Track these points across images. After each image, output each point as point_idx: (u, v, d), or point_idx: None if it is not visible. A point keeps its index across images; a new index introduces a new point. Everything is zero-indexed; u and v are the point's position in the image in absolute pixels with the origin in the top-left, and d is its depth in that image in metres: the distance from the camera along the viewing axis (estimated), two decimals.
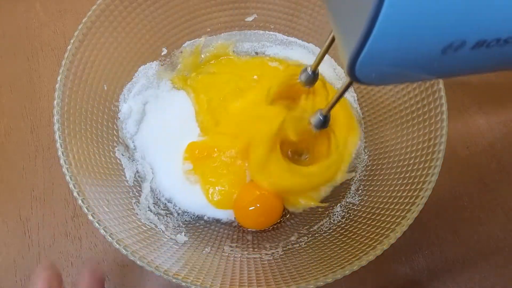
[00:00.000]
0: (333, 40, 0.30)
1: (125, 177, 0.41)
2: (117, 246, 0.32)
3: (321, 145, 0.43)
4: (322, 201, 0.42)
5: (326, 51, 0.32)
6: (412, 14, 0.15)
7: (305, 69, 0.37)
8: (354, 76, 0.19)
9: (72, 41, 0.38)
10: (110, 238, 0.32)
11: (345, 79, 0.30)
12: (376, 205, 0.37)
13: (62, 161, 0.34)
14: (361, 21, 0.16)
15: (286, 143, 0.41)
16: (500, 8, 0.16)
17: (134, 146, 0.44)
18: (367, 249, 0.32)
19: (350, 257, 0.33)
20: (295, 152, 0.43)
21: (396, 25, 0.16)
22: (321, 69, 0.47)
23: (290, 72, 0.43)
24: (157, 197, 0.42)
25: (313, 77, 0.37)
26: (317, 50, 0.48)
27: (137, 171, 0.42)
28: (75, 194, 0.33)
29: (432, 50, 0.17)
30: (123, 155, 0.42)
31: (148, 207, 0.40)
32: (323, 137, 0.42)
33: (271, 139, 0.40)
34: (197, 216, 0.42)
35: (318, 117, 0.34)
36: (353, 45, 0.17)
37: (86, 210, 0.33)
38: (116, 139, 0.42)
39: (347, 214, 0.40)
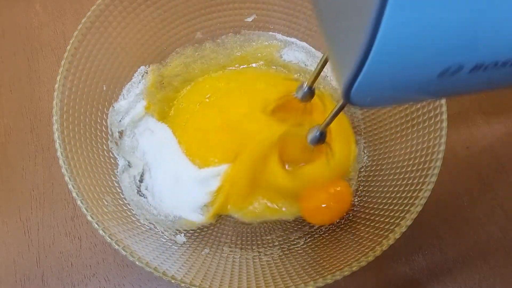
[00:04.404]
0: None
1: None
2: (117, 247, 0.32)
3: (316, 159, 0.42)
4: None
5: (322, 68, 0.32)
6: (409, 40, 0.15)
7: (301, 85, 0.35)
8: (349, 100, 0.19)
9: (71, 41, 0.38)
10: (109, 239, 0.32)
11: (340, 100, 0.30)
12: (375, 206, 0.37)
13: (61, 161, 0.34)
14: (357, 47, 0.15)
15: (281, 157, 0.41)
16: (498, 32, 0.15)
17: (118, 135, 0.43)
18: (366, 250, 0.32)
19: (349, 258, 0.33)
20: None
21: (393, 52, 0.15)
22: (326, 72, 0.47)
23: (287, 88, 0.41)
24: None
25: (309, 93, 0.36)
26: (317, 52, 0.48)
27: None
28: (74, 194, 0.33)
29: (429, 74, 0.17)
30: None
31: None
32: (319, 151, 0.41)
33: (267, 150, 0.40)
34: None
35: (315, 133, 0.34)
36: (349, 71, 0.16)
37: (85, 210, 0.33)
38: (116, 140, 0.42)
39: (347, 215, 0.40)
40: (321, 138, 0.34)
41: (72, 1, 0.56)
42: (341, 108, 0.28)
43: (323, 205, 0.40)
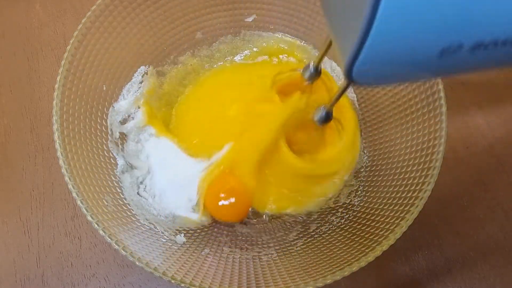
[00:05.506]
0: None
1: None
2: (117, 247, 0.32)
3: (324, 139, 0.42)
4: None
5: (327, 49, 0.32)
6: (408, 19, 0.15)
7: (308, 66, 0.36)
8: (351, 78, 0.19)
9: (71, 41, 0.38)
10: (109, 239, 0.32)
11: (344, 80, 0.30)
12: (375, 206, 0.37)
13: (61, 162, 0.34)
14: (357, 27, 0.16)
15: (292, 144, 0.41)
16: (495, 10, 0.16)
17: (119, 135, 0.43)
18: (367, 250, 0.32)
19: (349, 258, 0.33)
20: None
21: (392, 30, 0.16)
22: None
23: (292, 66, 0.42)
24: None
25: (315, 73, 0.36)
26: (317, 52, 0.48)
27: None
28: (74, 194, 0.33)
29: (429, 53, 0.17)
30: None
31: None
32: (325, 132, 0.42)
33: (275, 135, 0.39)
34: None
35: (321, 113, 0.35)
36: (350, 50, 0.17)
37: (85, 210, 0.33)
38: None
39: (346, 215, 0.40)
40: (328, 117, 0.35)
41: (72, 1, 0.56)
42: (346, 87, 0.29)
43: (222, 198, 0.40)
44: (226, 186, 0.41)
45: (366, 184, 0.41)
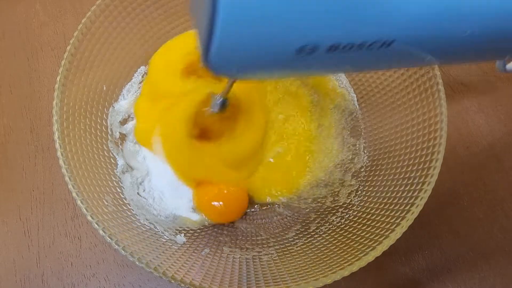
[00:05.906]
0: None
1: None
2: (116, 246, 0.32)
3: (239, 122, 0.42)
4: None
5: None
6: (254, 15, 0.15)
7: None
8: (211, 70, 0.19)
9: (71, 41, 0.38)
10: (109, 239, 0.32)
11: None
12: (375, 206, 0.37)
13: (61, 161, 0.34)
14: (205, 17, 0.16)
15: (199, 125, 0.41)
16: (349, 15, 0.16)
17: (119, 135, 0.43)
18: (367, 250, 0.32)
19: (349, 258, 0.33)
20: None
21: (238, 25, 0.16)
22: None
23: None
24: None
25: None
26: None
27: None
28: (74, 194, 0.33)
29: (285, 51, 0.17)
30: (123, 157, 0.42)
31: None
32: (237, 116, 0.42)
33: (186, 119, 0.39)
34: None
35: (216, 100, 0.35)
36: (203, 43, 0.17)
37: (85, 210, 0.33)
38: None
39: (347, 215, 0.40)
40: (222, 106, 0.34)
41: (72, 1, 0.56)
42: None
43: (213, 202, 0.41)
44: (212, 191, 0.41)
45: (366, 184, 0.41)
